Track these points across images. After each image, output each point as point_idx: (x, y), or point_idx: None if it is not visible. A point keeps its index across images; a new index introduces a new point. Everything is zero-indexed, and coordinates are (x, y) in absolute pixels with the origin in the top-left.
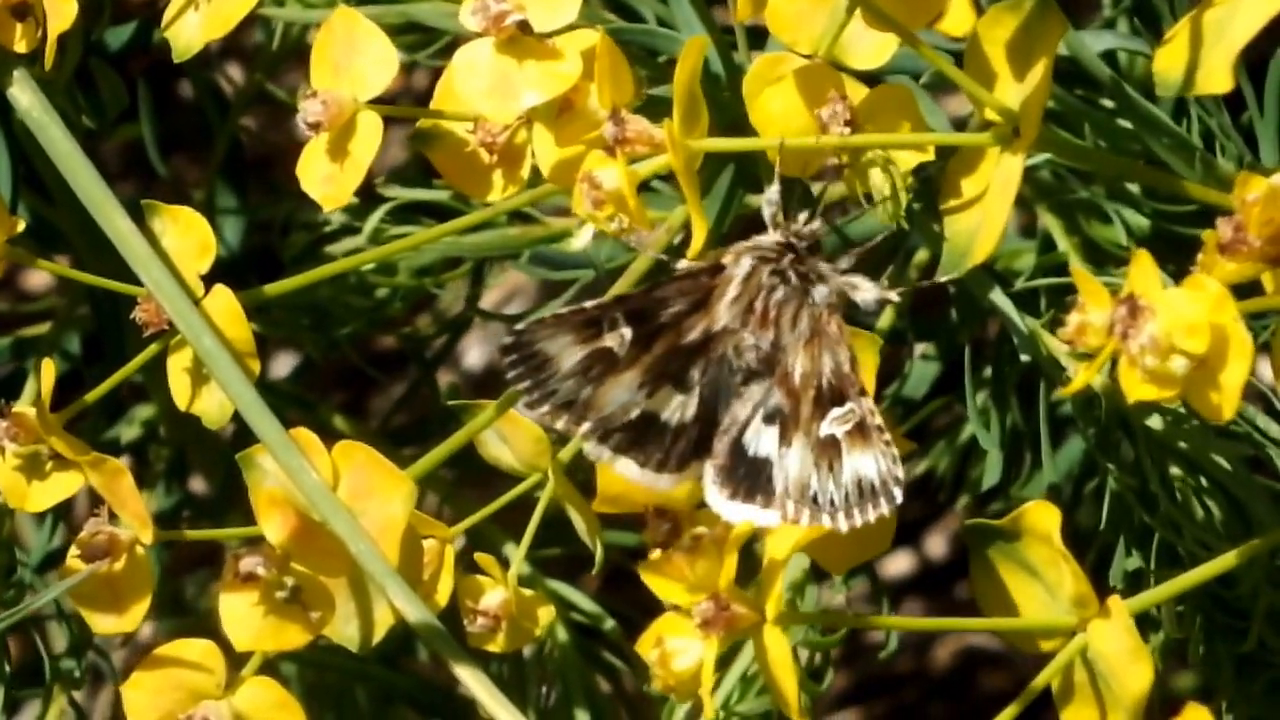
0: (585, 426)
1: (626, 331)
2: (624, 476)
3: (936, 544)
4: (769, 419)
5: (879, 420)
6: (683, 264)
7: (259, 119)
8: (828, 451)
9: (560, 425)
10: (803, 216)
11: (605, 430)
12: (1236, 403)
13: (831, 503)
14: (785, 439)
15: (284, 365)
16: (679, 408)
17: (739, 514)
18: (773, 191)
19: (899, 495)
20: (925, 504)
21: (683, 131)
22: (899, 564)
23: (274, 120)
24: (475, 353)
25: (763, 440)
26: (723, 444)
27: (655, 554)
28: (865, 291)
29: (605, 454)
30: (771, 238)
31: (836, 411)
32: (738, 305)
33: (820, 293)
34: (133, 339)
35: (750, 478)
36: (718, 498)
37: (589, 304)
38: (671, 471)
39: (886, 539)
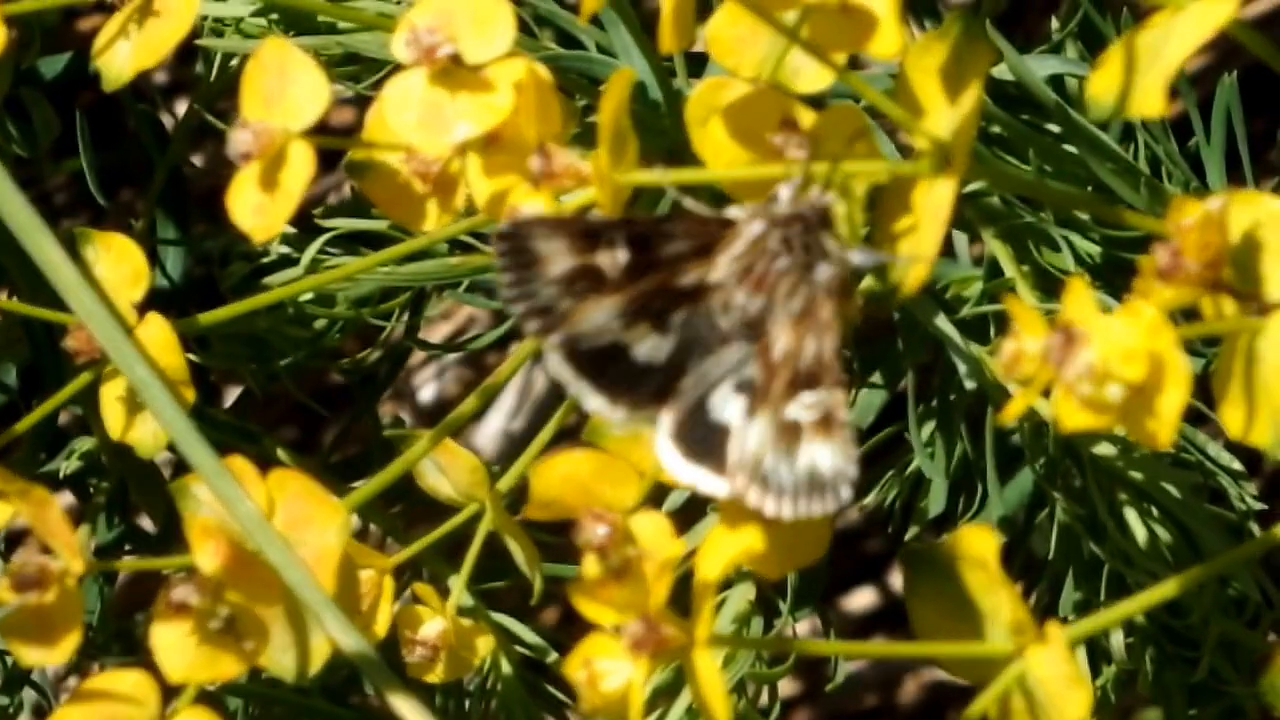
0: (554, 338)
1: (622, 254)
2: (580, 401)
3: (900, 578)
4: (740, 388)
5: (845, 416)
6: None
7: (206, 154)
8: (788, 434)
9: (530, 329)
10: (815, 191)
11: (572, 349)
12: (1174, 430)
13: (780, 488)
14: (751, 412)
15: (231, 401)
16: (652, 349)
17: (688, 475)
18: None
19: (848, 495)
20: (887, 539)
21: (610, 165)
22: (863, 599)
23: (222, 155)
24: (429, 389)
25: (729, 407)
26: (685, 398)
27: (590, 560)
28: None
29: (567, 372)
30: (786, 207)
31: (808, 397)
32: (739, 264)
33: (823, 272)
34: (71, 371)
35: (705, 441)
36: (670, 454)
37: (593, 216)
38: (628, 408)
39: (823, 544)
